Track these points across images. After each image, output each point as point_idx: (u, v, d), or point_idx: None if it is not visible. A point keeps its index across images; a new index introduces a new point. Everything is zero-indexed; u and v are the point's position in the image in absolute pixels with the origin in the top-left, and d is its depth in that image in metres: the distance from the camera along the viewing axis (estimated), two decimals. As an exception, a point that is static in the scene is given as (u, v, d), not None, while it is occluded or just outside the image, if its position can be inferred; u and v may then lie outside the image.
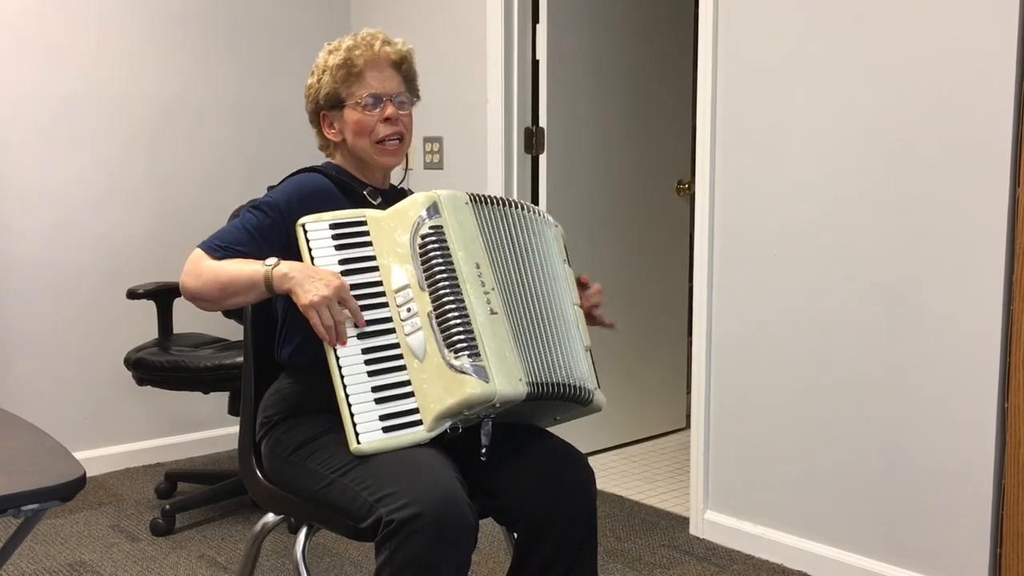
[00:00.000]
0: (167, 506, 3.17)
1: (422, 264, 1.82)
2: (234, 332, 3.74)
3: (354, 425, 1.74)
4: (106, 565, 2.90)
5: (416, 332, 1.78)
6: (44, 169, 3.60)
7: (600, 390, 1.98)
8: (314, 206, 1.91)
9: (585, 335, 1.99)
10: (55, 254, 3.64)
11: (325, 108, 2.05)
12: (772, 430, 2.93)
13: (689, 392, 3.80)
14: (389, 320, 1.81)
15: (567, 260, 2.04)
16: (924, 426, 2.59)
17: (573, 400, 1.91)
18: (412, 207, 1.86)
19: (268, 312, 2.06)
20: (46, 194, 3.61)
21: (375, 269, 1.84)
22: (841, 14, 2.69)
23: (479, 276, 1.84)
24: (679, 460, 3.95)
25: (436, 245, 1.82)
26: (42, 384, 3.64)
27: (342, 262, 1.83)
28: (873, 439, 2.70)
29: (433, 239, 1.82)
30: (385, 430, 1.75)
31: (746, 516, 3.02)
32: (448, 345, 1.76)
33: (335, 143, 2.08)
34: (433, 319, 1.78)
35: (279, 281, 1.80)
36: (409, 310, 1.80)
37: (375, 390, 1.76)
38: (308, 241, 1.84)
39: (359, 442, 1.74)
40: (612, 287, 3.95)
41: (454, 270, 1.81)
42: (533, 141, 3.77)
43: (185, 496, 3.30)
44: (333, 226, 1.86)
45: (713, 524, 3.10)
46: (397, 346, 1.79)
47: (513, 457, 1.91)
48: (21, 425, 1.83)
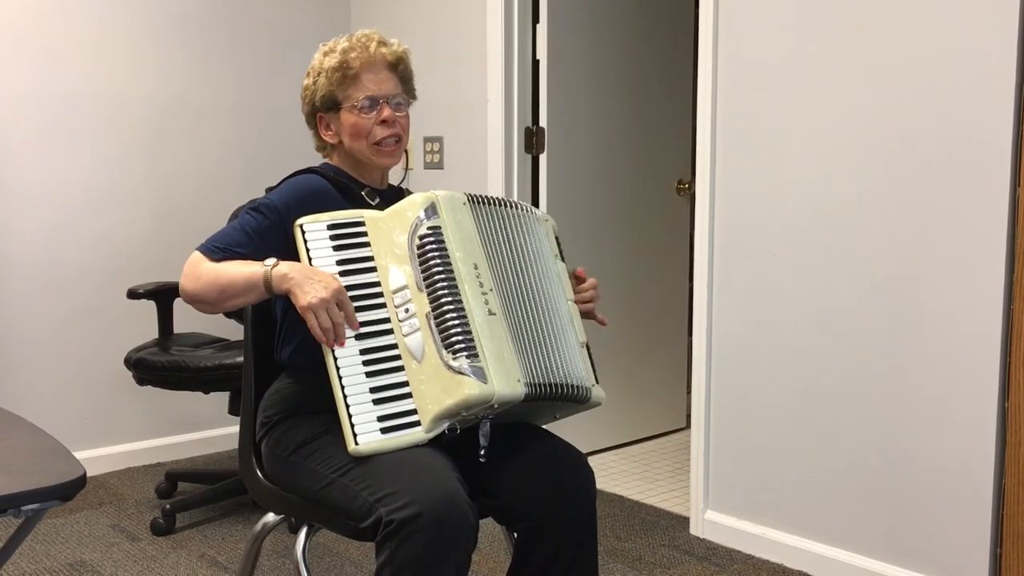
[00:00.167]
0: (167, 506, 3.17)
1: (420, 265, 1.81)
2: (234, 332, 3.74)
3: (352, 426, 1.74)
4: (106, 565, 2.90)
5: (414, 333, 1.78)
6: (44, 169, 3.60)
7: (598, 385, 1.98)
8: (312, 207, 1.91)
9: (580, 331, 1.99)
10: (55, 254, 3.64)
11: (321, 110, 2.05)
12: (772, 430, 2.93)
13: (689, 392, 3.80)
14: (387, 321, 1.81)
15: (559, 255, 2.03)
16: (924, 426, 2.59)
17: (571, 400, 1.91)
18: (410, 208, 1.86)
19: (268, 312, 2.06)
20: (46, 194, 3.61)
21: (373, 270, 1.84)
22: (841, 14, 2.69)
23: (477, 277, 1.84)
24: (679, 460, 3.95)
25: (434, 246, 1.82)
26: (42, 384, 3.65)
27: (340, 263, 1.83)
28: (873, 439, 2.70)
29: (431, 240, 1.82)
30: (383, 431, 1.75)
31: (746, 516, 3.02)
32: (446, 346, 1.76)
33: (332, 144, 2.08)
34: (431, 320, 1.78)
35: (278, 282, 1.79)
36: (407, 311, 1.80)
37: (373, 391, 1.76)
38: (306, 242, 1.84)
39: (357, 443, 1.74)
40: (612, 287, 3.96)
41: (452, 271, 1.81)
42: (533, 141, 3.77)
43: (185, 496, 3.30)
44: (331, 227, 1.85)
45: (713, 524, 3.10)
46: (395, 347, 1.79)
47: (513, 457, 1.91)
48: (21, 425, 1.83)
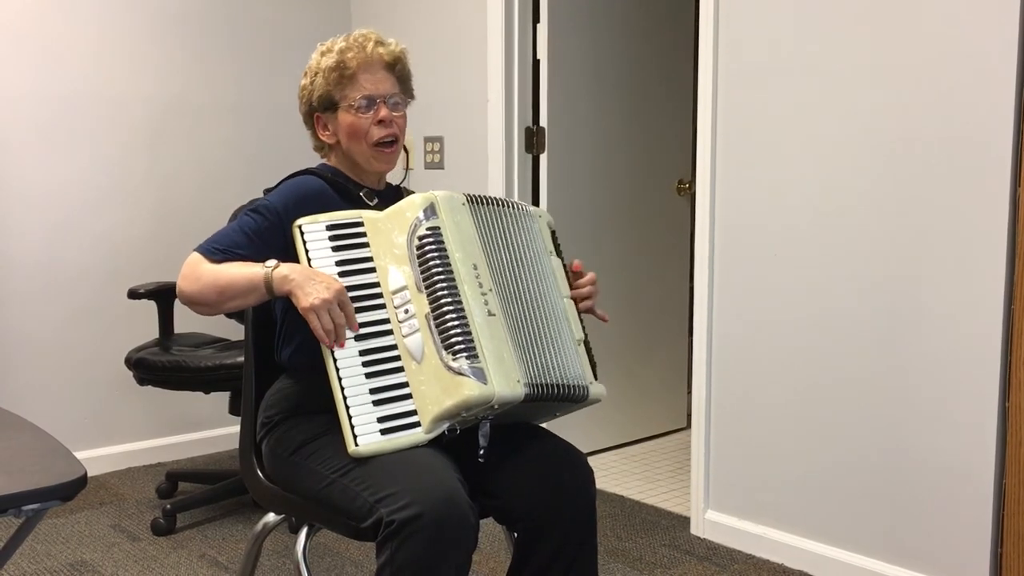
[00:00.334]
0: (168, 506, 3.17)
1: (419, 266, 1.81)
2: (235, 332, 3.74)
3: (352, 427, 1.74)
4: (107, 565, 2.90)
5: (414, 334, 1.78)
6: (44, 169, 3.60)
7: (598, 382, 1.97)
8: (311, 208, 1.90)
9: (577, 328, 1.98)
10: (55, 254, 3.64)
11: (319, 110, 2.05)
12: (773, 430, 2.93)
13: (690, 392, 3.80)
14: (387, 322, 1.80)
15: (553, 251, 2.02)
16: (924, 426, 2.59)
17: (570, 400, 1.91)
18: (409, 208, 1.86)
19: (269, 312, 2.06)
20: (46, 194, 3.61)
21: (372, 271, 1.84)
22: (841, 14, 2.69)
23: (477, 277, 1.84)
24: (680, 460, 3.95)
25: (433, 246, 1.82)
26: (43, 384, 3.65)
27: (339, 263, 1.83)
28: (874, 439, 2.70)
29: (430, 240, 1.82)
30: (383, 432, 1.75)
31: (747, 516, 3.02)
32: (446, 347, 1.76)
33: (330, 144, 2.08)
34: (431, 320, 1.78)
35: (279, 283, 1.79)
36: (407, 311, 1.80)
37: (373, 392, 1.76)
38: (305, 243, 1.84)
39: (357, 444, 1.74)
40: (612, 287, 3.96)
41: (452, 271, 1.81)
42: (534, 141, 3.77)
43: (186, 496, 3.30)
44: (330, 227, 1.85)
45: (714, 524, 3.10)
46: (395, 348, 1.79)
47: (512, 457, 1.91)
48: (22, 425, 1.83)
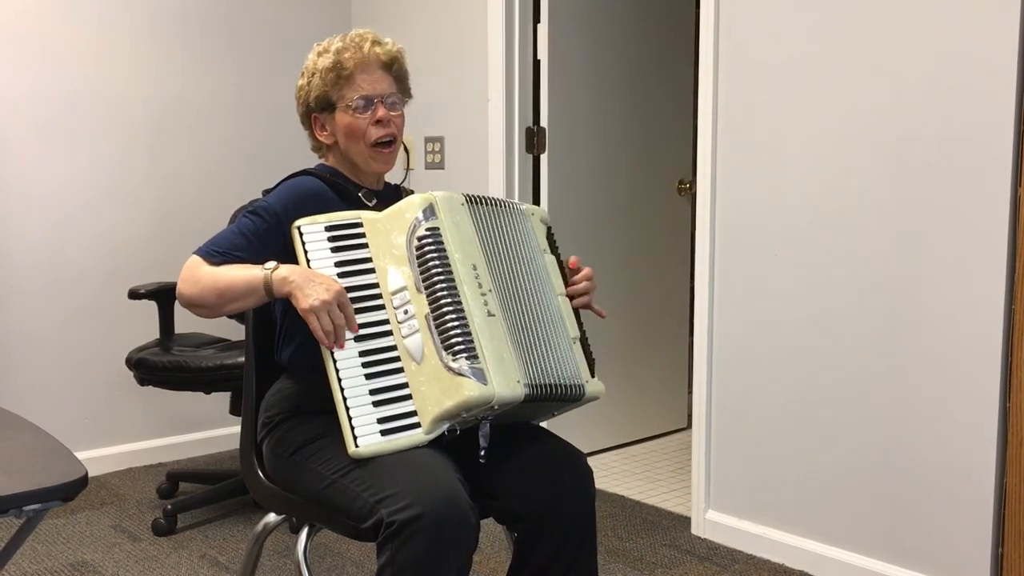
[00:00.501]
0: (169, 506, 3.17)
1: (419, 266, 1.81)
2: (235, 332, 3.74)
3: (352, 428, 1.74)
4: (108, 565, 2.90)
5: (414, 334, 1.78)
6: (44, 169, 3.60)
7: (596, 379, 1.96)
8: (310, 209, 1.90)
9: (573, 327, 1.97)
10: (55, 254, 3.64)
11: (316, 110, 2.05)
12: (773, 430, 2.93)
13: (690, 392, 3.80)
14: (386, 322, 1.80)
15: (547, 248, 2.02)
16: (925, 426, 2.59)
17: (568, 399, 1.91)
18: (408, 209, 1.86)
19: (269, 313, 2.06)
20: (46, 194, 3.61)
21: (371, 271, 1.84)
22: (841, 14, 2.68)
23: (476, 278, 1.83)
24: (680, 460, 3.95)
25: (433, 247, 1.81)
26: (43, 384, 3.65)
27: (338, 264, 1.82)
28: (874, 439, 2.70)
29: (430, 241, 1.82)
30: (383, 433, 1.75)
31: (747, 516, 3.02)
32: (446, 347, 1.76)
33: (328, 145, 2.07)
34: (431, 321, 1.78)
35: (279, 285, 1.79)
36: (406, 312, 1.79)
37: (373, 393, 1.76)
38: (304, 244, 1.83)
39: (357, 445, 1.74)
40: (613, 287, 3.96)
41: (451, 272, 1.81)
42: (534, 141, 3.76)
43: (187, 496, 3.30)
44: (329, 228, 1.85)
45: (715, 524, 3.10)
46: (394, 348, 1.79)
47: (512, 457, 1.91)
48: (23, 425, 1.83)
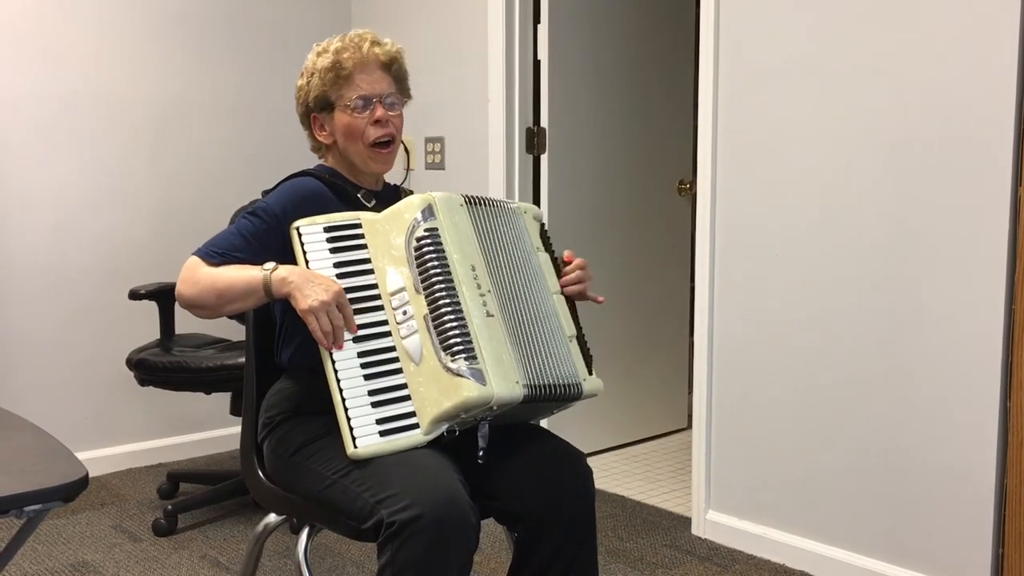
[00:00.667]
0: (169, 506, 3.17)
1: (418, 267, 1.81)
2: (236, 332, 3.74)
3: (351, 429, 1.74)
4: (108, 565, 2.90)
5: (412, 335, 1.78)
6: (44, 169, 3.60)
7: (594, 376, 1.96)
8: (309, 210, 1.90)
9: (568, 325, 1.97)
10: (56, 254, 3.64)
11: (315, 110, 2.05)
12: (773, 430, 2.93)
13: (691, 392, 3.80)
14: (385, 323, 1.80)
15: (541, 247, 2.01)
16: (925, 426, 2.59)
17: (566, 399, 1.91)
18: (407, 209, 1.85)
19: (269, 313, 2.06)
20: (46, 194, 3.61)
21: (370, 272, 1.84)
22: (841, 14, 2.68)
23: (475, 279, 1.84)
24: (681, 460, 3.94)
25: (432, 248, 1.81)
26: (44, 384, 3.65)
27: (337, 265, 1.83)
28: (874, 439, 2.70)
29: (428, 242, 1.82)
30: (382, 434, 1.75)
31: (748, 516, 3.02)
32: (445, 348, 1.75)
33: (327, 145, 2.08)
34: (429, 322, 1.78)
35: (278, 285, 1.79)
36: (405, 313, 1.79)
37: (371, 393, 1.76)
38: (303, 245, 1.83)
39: (356, 446, 1.74)
40: (613, 287, 3.96)
41: (450, 273, 1.81)
42: (535, 141, 3.76)
43: (187, 496, 3.30)
44: (328, 229, 1.85)
45: (715, 524, 3.10)
46: (393, 349, 1.79)
47: (512, 458, 1.91)
48: (23, 425, 1.83)
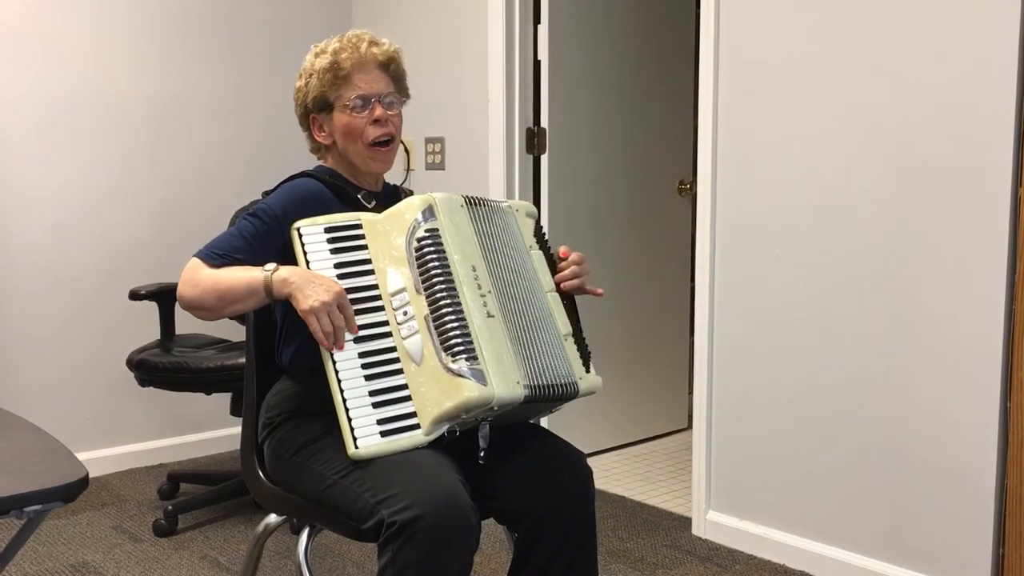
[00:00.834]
0: (169, 507, 3.17)
1: (418, 267, 1.81)
2: (236, 333, 3.74)
3: (352, 429, 1.74)
4: (109, 566, 2.90)
5: (413, 335, 1.78)
6: (44, 169, 3.60)
7: (592, 374, 1.95)
8: (309, 211, 1.90)
9: (564, 323, 1.96)
10: (56, 254, 3.64)
11: (314, 111, 2.04)
12: (773, 430, 2.93)
13: (691, 392, 3.80)
14: (385, 324, 1.80)
15: (535, 244, 2.01)
16: (925, 426, 2.59)
17: (565, 399, 1.91)
18: (408, 210, 1.86)
19: (270, 313, 2.06)
20: (46, 194, 3.61)
21: (371, 273, 1.84)
22: (841, 14, 2.68)
23: (476, 279, 1.84)
24: (681, 460, 3.94)
25: (432, 248, 1.81)
26: (44, 385, 3.64)
27: (338, 266, 1.83)
28: (874, 439, 2.70)
29: (429, 242, 1.82)
30: (383, 434, 1.75)
31: (748, 516, 3.02)
32: (445, 348, 1.75)
33: (326, 146, 2.07)
34: (430, 322, 1.78)
35: (279, 286, 1.79)
36: (406, 313, 1.80)
37: (372, 394, 1.76)
38: (303, 245, 1.83)
39: (357, 446, 1.74)
40: (613, 287, 3.96)
41: (451, 273, 1.81)
42: (535, 141, 3.76)
43: (188, 497, 3.30)
44: (328, 230, 1.85)
45: (715, 524, 3.10)
46: (394, 350, 1.79)
47: (512, 458, 1.91)
48: (23, 426, 1.83)
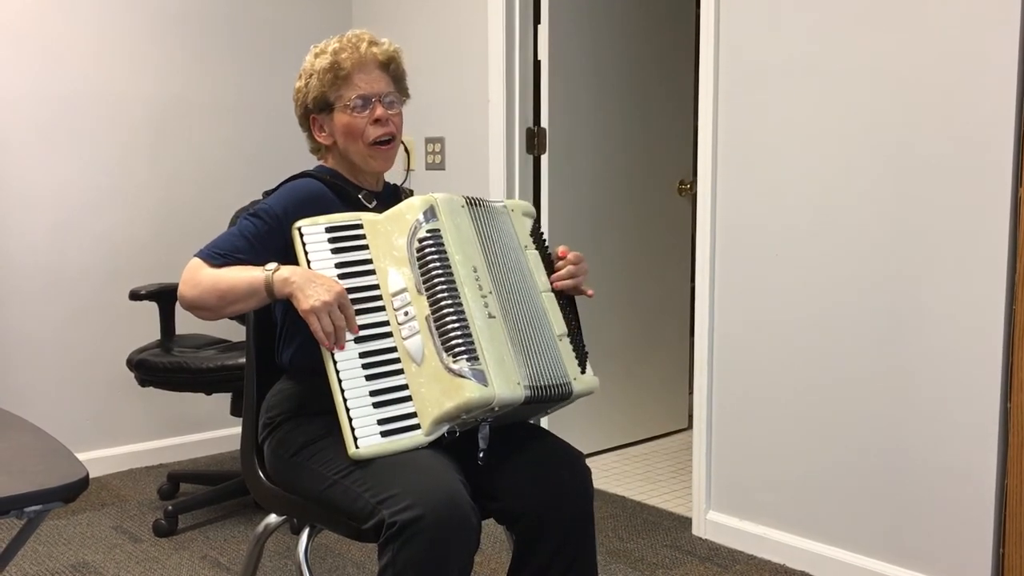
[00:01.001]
0: (170, 507, 3.17)
1: (419, 268, 1.81)
2: (236, 333, 3.74)
3: (352, 429, 1.74)
4: (109, 566, 2.90)
5: (414, 336, 1.78)
6: (44, 169, 3.60)
7: (588, 374, 1.95)
8: (310, 211, 1.90)
9: (559, 323, 1.96)
10: (56, 254, 3.64)
11: (314, 111, 2.04)
12: (774, 430, 2.93)
13: (691, 392, 3.80)
14: (386, 324, 1.80)
15: (531, 243, 2.00)
16: (925, 426, 2.59)
17: (563, 399, 1.91)
18: (409, 211, 1.86)
19: (270, 313, 2.06)
20: (46, 194, 3.61)
21: (372, 273, 1.84)
22: (841, 14, 2.68)
23: (476, 280, 1.84)
24: (681, 460, 3.94)
25: (433, 249, 1.81)
26: (44, 385, 3.64)
27: (339, 265, 1.82)
28: (874, 439, 2.70)
29: (431, 243, 1.82)
30: (383, 434, 1.75)
31: (748, 516, 3.02)
32: (446, 349, 1.76)
33: (326, 146, 2.07)
34: (431, 323, 1.78)
35: (280, 286, 1.79)
36: (407, 314, 1.80)
37: (373, 394, 1.76)
38: (304, 245, 1.83)
39: (357, 446, 1.74)
40: (613, 287, 3.96)
41: (452, 274, 1.81)
42: (535, 141, 3.76)
43: (188, 497, 3.30)
44: (329, 230, 1.85)
45: (715, 524, 3.10)
46: (395, 350, 1.79)
47: (512, 458, 1.91)
48: (23, 426, 1.83)
